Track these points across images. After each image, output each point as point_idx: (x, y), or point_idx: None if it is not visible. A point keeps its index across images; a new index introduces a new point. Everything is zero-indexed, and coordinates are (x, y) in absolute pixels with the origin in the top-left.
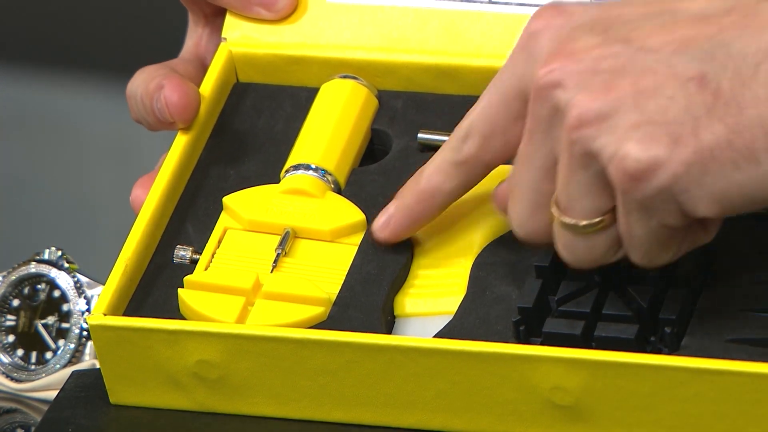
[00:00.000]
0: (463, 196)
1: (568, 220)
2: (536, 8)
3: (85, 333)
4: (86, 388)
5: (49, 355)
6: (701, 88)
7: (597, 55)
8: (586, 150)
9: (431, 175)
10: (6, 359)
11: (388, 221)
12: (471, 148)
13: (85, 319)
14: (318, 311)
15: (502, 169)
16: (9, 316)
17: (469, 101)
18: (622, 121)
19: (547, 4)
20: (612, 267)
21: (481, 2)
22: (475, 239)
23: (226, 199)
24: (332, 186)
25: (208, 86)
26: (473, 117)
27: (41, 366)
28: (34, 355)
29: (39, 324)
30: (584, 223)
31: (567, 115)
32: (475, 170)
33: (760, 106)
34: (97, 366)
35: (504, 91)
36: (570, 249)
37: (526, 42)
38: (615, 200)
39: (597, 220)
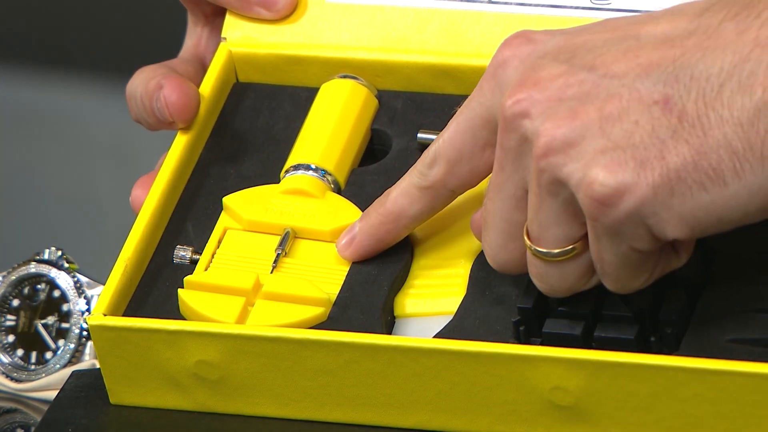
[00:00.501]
0: (464, 197)
1: (539, 249)
2: (536, 8)
3: (85, 333)
4: (86, 388)
5: (49, 355)
6: (666, 111)
7: (562, 83)
8: (554, 178)
9: (397, 198)
10: (6, 359)
11: (351, 240)
12: (437, 173)
13: (85, 319)
14: (318, 311)
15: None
16: (9, 316)
17: None
18: (588, 147)
19: (515, 33)
20: None
21: (481, 2)
22: (475, 239)
23: (226, 200)
24: (332, 186)
25: (207, 86)
26: (440, 143)
27: (41, 366)
28: (34, 355)
29: (39, 324)
30: (556, 251)
31: (534, 144)
32: (441, 195)
33: (725, 127)
34: (97, 366)
35: (471, 119)
36: (543, 278)
37: (494, 71)
38: (585, 227)
39: (568, 248)
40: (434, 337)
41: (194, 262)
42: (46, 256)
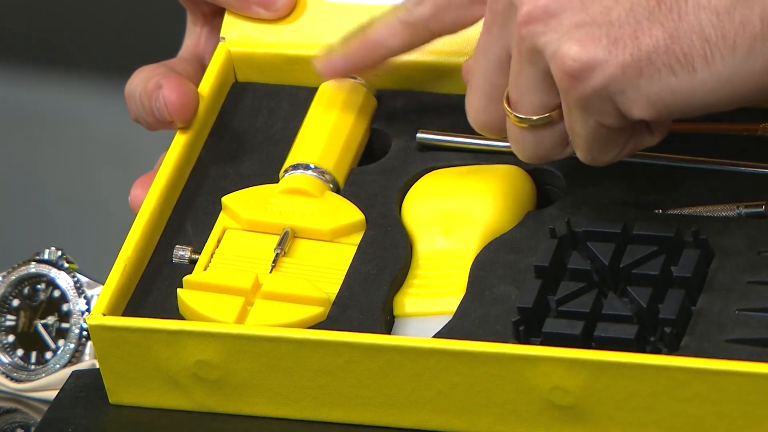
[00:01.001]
0: (464, 196)
1: (517, 114)
2: None
3: (85, 333)
4: (86, 388)
5: (49, 355)
6: None
7: None
8: (532, 46)
9: (379, 28)
10: (6, 359)
11: (329, 58)
12: (422, 12)
13: (84, 319)
14: (317, 311)
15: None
16: (9, 316)
17: None
18: (566, 20)
19: None
20: (612, 267)
21: None
22: (475, 239)
23: (225, 199)
24: (331, 185)
25: (206, 86)
26: None
27: (41, 366)
28: (34, 355)
29: (39, 324)
30: (531, 118)
31: (518, 10)
32: (421, 34)
33: (701, 13)
34: (97, 366)
35: None
36: (519, 143)
37: None
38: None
39: (544, 115)
40: (434, 337)
41: (193, 262)
42: (46, 256)
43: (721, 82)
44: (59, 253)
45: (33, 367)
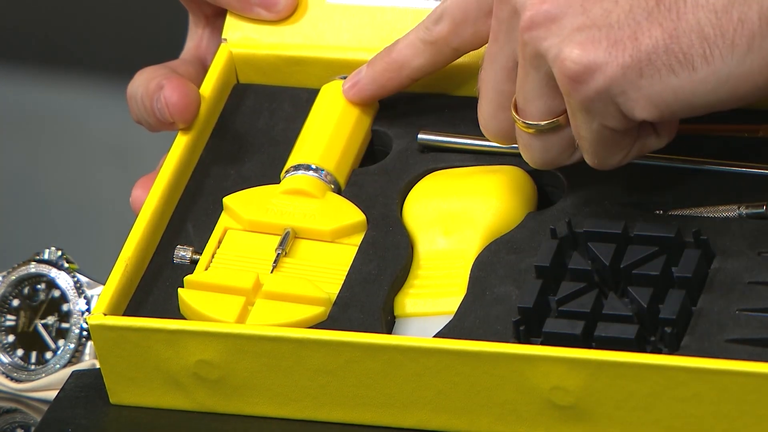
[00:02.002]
0: (464, 197)
1: (524, 120)
2: None
3: (85, 333)
4: (86, 388)
5: (49, 355)
6: None
7: None
8: (535, 51)
9: (402, 48)
10: (6, 359)
11: (355, 83)
12: (442, 30)
13: (85, 319)
14: (318, 311)
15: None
16: (9, 316)
17: (469, 102)
18: (568, 24)
19: None
20: (612, 267)
21: None
22: (475, 239)
23: (227, 200)
24: (332, 186)
25: (208, 87)
26: (448, 2)
27: (41, 366)
28: (34, 355)
29: (39, 324)
30: (538, 123)
31: (521, 16)
32: (444, 52)
33: (699, 12)
34: (97, 366)
35: None
36: (528, 150)
37: None
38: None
39: (551, 120)
40: (434, 337)
41: (194, 262)
42: (46, 256)
43: (721, 80)
44: (59, 253)
45: (33, 367)
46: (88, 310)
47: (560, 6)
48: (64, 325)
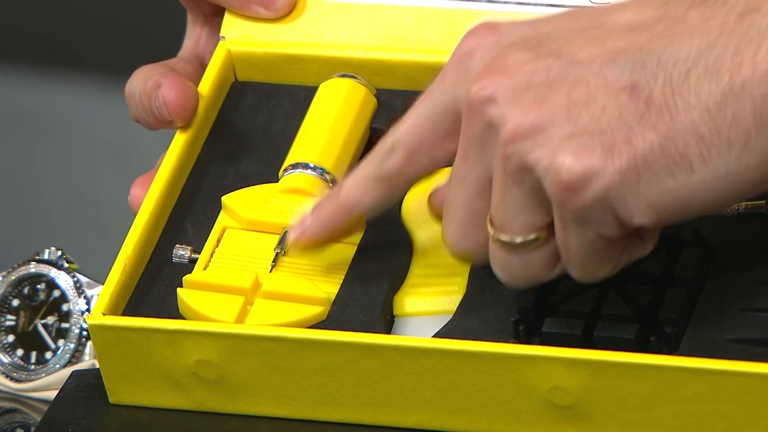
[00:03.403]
0: None
1: (503, 237)
2: (534, 6)
3: (84, 333)
4: (86, 388)
5: (48, 355)
6: (633, 97)
7: (529, 70)
8: (520, 164)
9: (350, 189)
10: (6, 359)
11: (303, 233)
12: (395, 163)
13: (84, 319)
14: (317, 311)
15: None
16: (9, 316)
17: None
18: (555, 133)
19: (480, 23)
20: None
21: (480, 1)
22: None
23: (225, 198)
24: (331, 185)
25: (206, 85)
26: (399, 132)
27: (41, 366)
28: (33, 355)
29: (39, 324)
30: (519, 239)
31: (501, 130)
32: (397, 185)
33: (692, 113)
34: (97, 366)
35: (433, 108)
36: (505, 267)
37: (459, 60)
38: (551, 215)
39: (533, 236)
40: (434, 336)
41: (193, 261)
42: (46, 256)
43: (719, 179)
44: (59, 253)
45: (33, 367)
46: (88, 310)
47: (544, 115)
48: (64, 325)
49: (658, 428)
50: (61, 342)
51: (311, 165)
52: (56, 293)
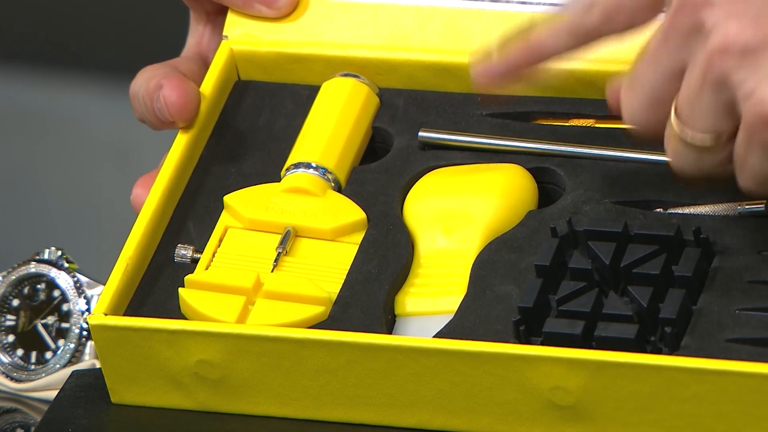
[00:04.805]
0: (465, 195)
1: (683, 132)
2: (537, 6)
3: (85, 333)
4: (86, 388)
5: (49, 355)
6: None
7: None
8: (722, 77)
9: (543, 35)
10: (6, 359)
11: (488, 68)
12: (593, 20)
13: (85, 319)
14: (319, 310)
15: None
16: (9, 316)
17: (470, 99)
18: (766, 61)
19: None
20: (613, 266)
21: (482, 0)
22: (476, 238)
23: (227, 198)
24: (333, 184)
25: (209, 84)
26: None
27: (41, 366)
28: (34, 355)
29: (39, 324)
30: (699, 139)
31: (711, 36)
32: (590, 39)
33: None
34: (97, 366)
35: None
36: (678, 157)
37: None
38: (737, 125)
39: (713, 139)
40: (435, 336)
41: (195, 261)
42: (46, 256)
43: None
44: (59, 253)
45: (33, 367)
46: (88, 310)
47: (759, 39)
48: (64, 325)
49: (658, 428)
50: (61, 342)
51: (313, 165)
52: (56, 293)
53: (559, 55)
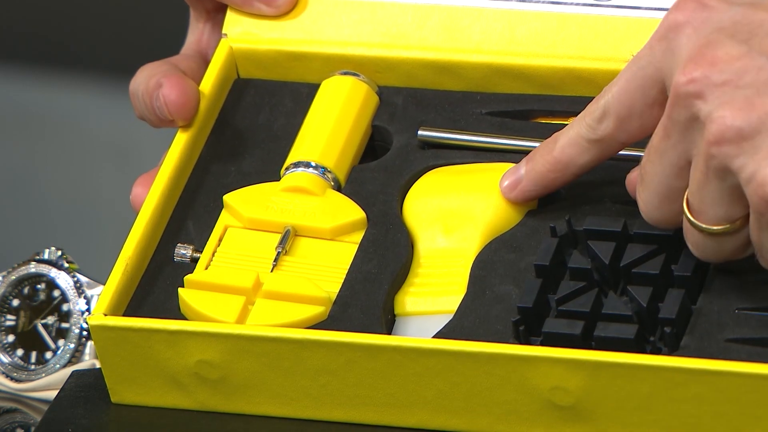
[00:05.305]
0: (465, 195)
1: (698, 222)
2: (536, 4)
3: (85, 333)
4: (86, 388)
5: (49, 355)
6: None
7: (739, 68)
8: (723, 166)
9: (565, 147)
10: (6, 359)
11: (516, 184)
12: (607, 128)
13: (85, 319)
14: (318, 310)
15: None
16: (9, 316)
17: (469, 97)
18: (763, 143)
19: None
20: (612, 266)
21: None
22: (476, 237)
23: (227, 197)
24: (332, 183)
25: (208, 82)
26: (609, 98)
27: (41, 366)
28: (34, 355)
29: (39, 324)
30: (715, 228)
31: (707, 128)
32: (610, 148)
33: None
34: (97, 366)
35: (642, 77)
36: (699, 247)
37: (666, 33)
38: (748, 208)
39: (727, 226)
40: (434, 336)
41: (195, 261)
42: (46, 256)
43: None
44: (59, 253)
45: (33, 367)
46: (88, 310)
47: (753, 122)
48: (64, 325)
49: (657, 428)
50: (61, 342)
51: (313, 164)
52: (56, 293)
53: (586, 166)
